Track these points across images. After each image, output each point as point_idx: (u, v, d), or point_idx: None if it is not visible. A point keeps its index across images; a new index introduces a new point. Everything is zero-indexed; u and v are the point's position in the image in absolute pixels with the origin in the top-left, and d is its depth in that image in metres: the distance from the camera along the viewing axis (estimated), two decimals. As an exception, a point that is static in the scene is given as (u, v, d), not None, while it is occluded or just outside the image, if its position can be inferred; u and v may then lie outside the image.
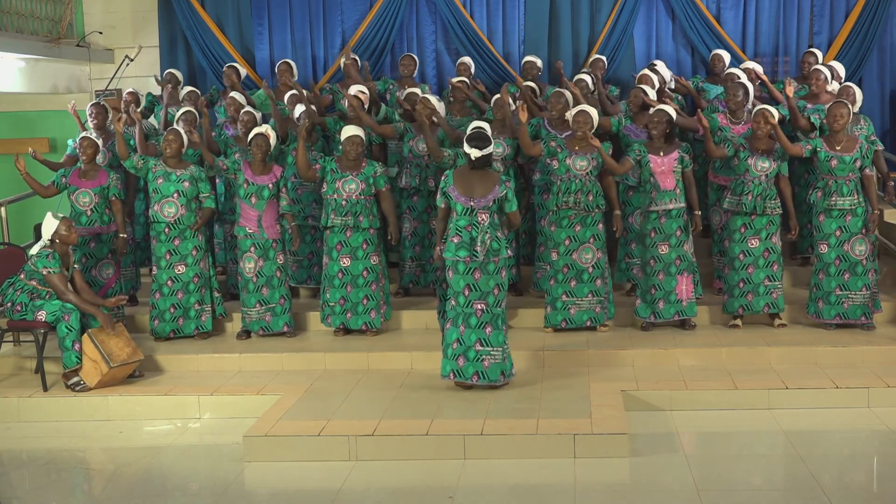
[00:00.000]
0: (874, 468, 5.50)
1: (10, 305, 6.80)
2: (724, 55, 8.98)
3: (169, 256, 7.44)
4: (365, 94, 8.13)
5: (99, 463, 6.02)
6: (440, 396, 6.24)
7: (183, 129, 7.65)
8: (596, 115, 7.27)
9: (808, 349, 6.87)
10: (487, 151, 6.19)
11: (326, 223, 7.36)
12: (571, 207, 7.20)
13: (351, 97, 7.92)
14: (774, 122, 7.13)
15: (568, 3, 9.67)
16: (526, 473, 5.27)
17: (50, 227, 6.85)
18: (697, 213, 7.34)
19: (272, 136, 7.47)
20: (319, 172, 7.32)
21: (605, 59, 9.20)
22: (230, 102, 8.45)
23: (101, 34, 10.41)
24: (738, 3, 9.59)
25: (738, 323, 7.45)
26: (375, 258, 7.44)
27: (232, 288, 8.21)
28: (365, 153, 7.55)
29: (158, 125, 8.90)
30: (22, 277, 6.82)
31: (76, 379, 6.64)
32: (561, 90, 7.95)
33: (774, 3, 9.55)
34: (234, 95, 8.49)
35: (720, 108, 8.13)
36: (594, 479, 5.18)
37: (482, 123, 6.46)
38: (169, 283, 7.46)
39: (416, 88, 8.66)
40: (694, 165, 7.43)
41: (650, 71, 8.44)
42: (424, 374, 6.69)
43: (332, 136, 8.16)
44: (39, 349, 6.76)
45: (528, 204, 8.03)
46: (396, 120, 8.28)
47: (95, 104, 8.30)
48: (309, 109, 7.98)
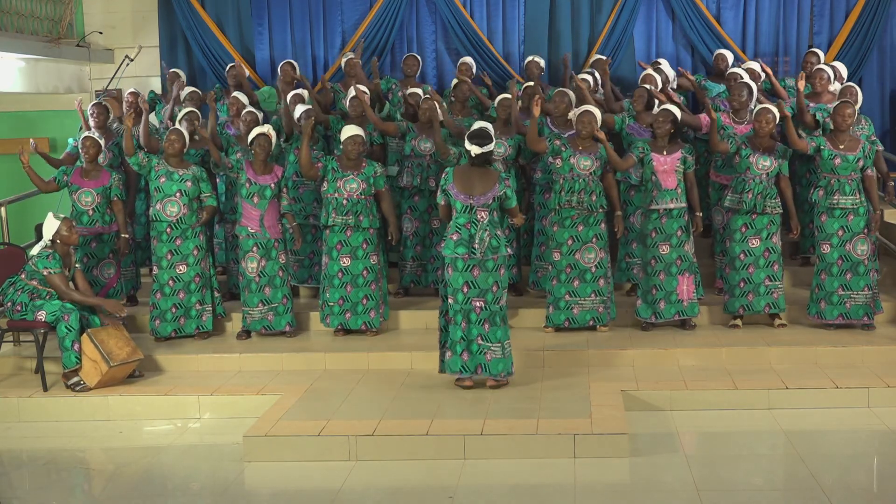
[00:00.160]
0: (874, 468, 5.50)
1: (10, 305, 6.80)
2: (727, 55, 9.00)
3: (170, 256, 7.44)
4: (366, 93, 8.15)
5: (99, 463, 6.02)
6: (440, 396, 6.24)
7: (186, 128, 7.67)
8: (599, 115, 7.29)
9: (808, 349, 6.88)
10: (488, 149, 6.19)
11: (327, 222, 7.36)
12: (574, 207, 7.20)
13: (360, 91, 8.01)
14: (787, 115, 7.12)
15: (568, 3, 9.67)
16: (526, 473, 5.27)
17: (51, 227, 6.86)
18: (698, 214, 7.34)
19: (274, 135, 7.48)
20: (321, 171, 7.32)
21: (605, 58, 9.20)
22: (233, 102, 8.46)
23: (101, 34, 10.41)
24: (738, 3, 9.59)
25: (738, 323, 7.46)
26: (375, 258, 7.45)
27: (233, 288, 8.22)
28: (365, 153, 7.56)
29: (159, 124, 8.91)
30: (23, 277, 6.82)
31: (76, 379, 6.64)
32: (564, 90, 7.96)
33: (774, 3, 9.55)
34: (236, 95, 8.51)
35: (722, 107, 8.14)
36: (594, 479, 5.18)
37: (486, 123, 6.46)
38: (170, 283, 7.46)
39: (418, 89, 8.67)
40: (696, 165, 7.44)
41: (653, 70, 8.47)
42: (424, 374, 6.69)
43: (333, 135, 8.17)
44: (39, 349, 6.76)
45: (528, 204, 8.04)
46: (398, 119, 8.29)
47: (96, 104, 8.32)
48: (315, 105, 8.03)
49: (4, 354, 7.28)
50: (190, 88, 8.93)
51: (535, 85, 8.38)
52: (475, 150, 6.17)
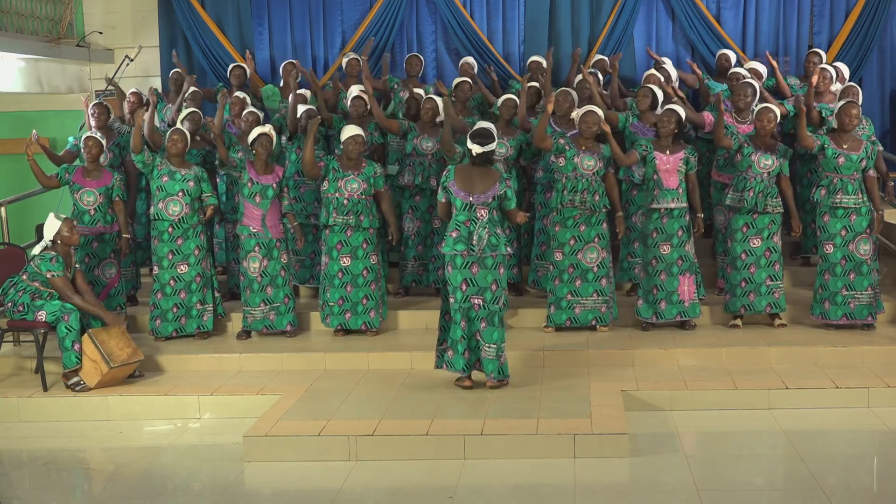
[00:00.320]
0: (874, 468, 5.50)
1: (10, 305, 6.80)
2: (730, 55, 9.02)
3: (171, 256, 7.44)
4: (367, 93, 8.17)
5: (99, 463, 6.02)
6: (440, 396, 6.24)
7: (188, 128, 7.68)
8: (602, 115, 7.30)
9: (808, 349, 6.88)
10: (489, 148, 6.18)
11: (327, 222, 7.36)
12: (577, 207, 7.20)
13: (368, 85, 8.04)
14: (803, 109, 7.09)
15: (568, 3, 9.66)
16: (526, 473, 5.27)
17: (52, 228, 6.86)
18: (700, 215, 7.35)
19: (274, 135, 7.49)
20: (322, 170, 7.33)
21: (607, 59, 9.20)
22: (235, 101, 8.46)
23: (101, 34, 10.40)
24: (738, 3, 9.58)
25: (738, 323, 7.46)
26: (375, 258, 7.46)
27: (234, 288, 8.22)
28: (366, 153, 7.56)
29: (159, 123, 8.90)
30: (24, 278, 6.81)
31: (76, 379, 6.64)
32: (567, 89, 7.96)
33: (774, 3, 9.54)
34: (238, 95, 8.51)
35: (724, 106, 8.14)
36: (594, 479, 5.18)
37: (488, 123, 6.44)
38: (171, 282, 7.46)
39: (419, 89, 8.67)
40: (697, 165, 7.44)
41: (657, 70, 8.48)
42: (424, 374, 6.68)
43: (333, 134, 8.17)
44: (39, 349, 6.76)
45: (528, 203, 8.04)
46: (400, 118, 8.29)
47: (97, 104, 8.32)
48: (321, 103, 8.11)
49: (4, 354, 7.28)
50: (192, 89, 8.93)
51: (533, 86, 8.38)
52: (477, 149, 6.17)
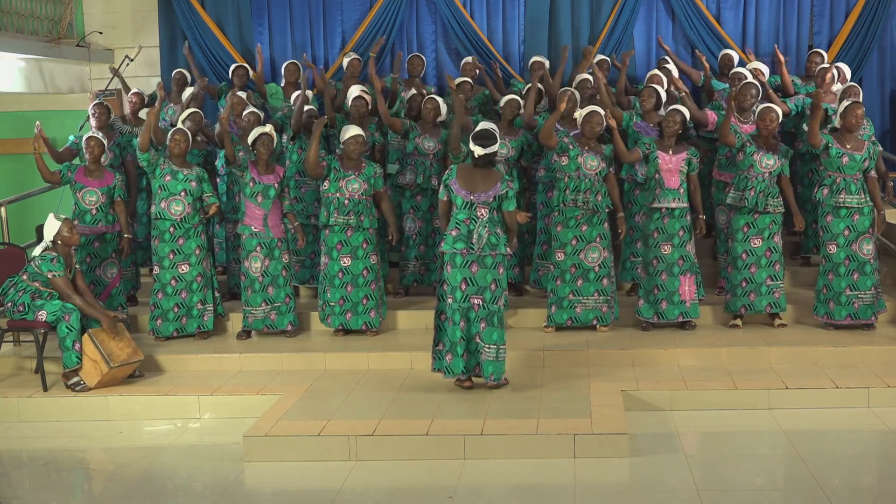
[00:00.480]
0: (874, 468, 5.51)
1: (10, 305, 6.80)
2: (733, 55, 9.04)
3: (172, 256, 7.44)
4: (368, 94, 8.18)
5: (99, 463, 6.02)
6: (440, 396, 6.24)
7: (189, 128, 7.68)
8: (605, 116, 7.31)
9: (808, 349, 6.88)
10: (491, 150, 6.18)
11: (328, 222, 7.36)
12: (580, 207, 7.20)
13: (379, 82, 8.13)
14: (820, 105, 7.02)
15: (568, 3, 9.66)
16: (526, 473, 5.27)
17: (52, 228, 6.86)
18: (702, 216, 7.35)
19: (275, 135, 7.50)
20: (324, 170, 7.33)
21: (608, 58, 9.20)
22: (238, 101, 8.45)
23: (101, 34, 10.40)
24: (738, 3, 9.58)
25: (738, 323, 7.46)
26: (374, 257, 7.46)
27: (234, 288, 8.22)
28: (366, 153, 7.56)
29: (161, 123, 8.89)
30: (25, 278, 6.81)
31: (76, 379, 6.64)
32: (570, 89, 7.96)
33: (774, 3, 9.54)
34: (240, 94, 8.51)
35: (725, 105, 8.15)
36: (594, 479, 5.18)
37: (491, 124, 6.43)
38: (172, 282, 7.46)
39: (421, 90, 8.67)
40: (699, 166, 7.44)
41: (660, 70, 8.49)
42: (424, 374, 6.68)
43: (334, 134, 8.18)
44: (39, 349, 6.76)
45: (528, 203, 8.04)
46: (402, 118, 8.30)
47: (98, 104, 8.33)
48: (327, 102, 8.15)
49: (4, 354, 7.28)
50: (191, 89, 8.93)
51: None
52: (479, 151, 6.16)
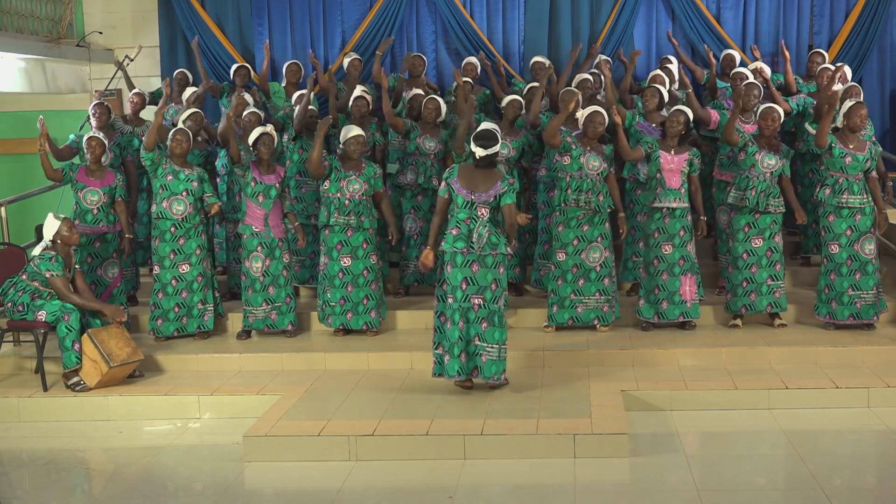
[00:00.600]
0: (875, 468, 5.51)
1: (10, 305, 6.80)
2: (735, 55, 9.04)
3: (173, 256, 7.44)
4: (369, 94, 8.18)
5: (99, 463, 6.02)
6: (440, 396, 6.24)
7: (190, 128, 7.68)
8: (607, 117, 7.31)
9: (808, 349, 6.88)
10: (492, 150, 6.17)
11: (328, 222, 7.36)
12: (581, 207, 7.20)
13: (384, 81, 8.18)
14: (834, 106, 7.03)
15: (568, 3, 9.66)
16: (526, 473, 5.27)
17: (51, 228, 6.85)
18: (703, 217, 7.35)
19: (276, 134, 7.50)
20: (326, 170, 7.33)
21: (609, 59, 9.19)
22: (239, 102, 8.44)
23: (101, 34, 10.41)
24: (738, 3, 9.58)
25: (738, 323, 7.46)
26: (374, 257, 7.46)
27: (234, 288, 8.21)
28: (367, 153, 7.56)
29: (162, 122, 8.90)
30: (24, 278, 6.81)
31: (76, 379, 6.64)
32: (573, 89, 7.96)
33: (774, 3, 9.54)
34: (242, 95, 8.50)
35: (726, 105, 8.17)
36: (594, 479, 5.18)
37: (493, 125, 6.43)
38: (173, 282, 7.46)
39: (427, 88, 8.68)
40: (701, 165, 7.44)
41: (661, 70, 8.50)
42: (424, 374, 6.67)
43: (334, 134, 8.18)
44: (39, 349, 6.76)
45: (528, 203, 8.04)
46: (403, 118, 8.31)
47: (98, 104, 8.33)
48: (331, 101, 8.17)
49: (4, 354, 7.28)
50: (191, 89, 8.93)
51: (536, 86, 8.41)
52: (480, 151, 6.16)
